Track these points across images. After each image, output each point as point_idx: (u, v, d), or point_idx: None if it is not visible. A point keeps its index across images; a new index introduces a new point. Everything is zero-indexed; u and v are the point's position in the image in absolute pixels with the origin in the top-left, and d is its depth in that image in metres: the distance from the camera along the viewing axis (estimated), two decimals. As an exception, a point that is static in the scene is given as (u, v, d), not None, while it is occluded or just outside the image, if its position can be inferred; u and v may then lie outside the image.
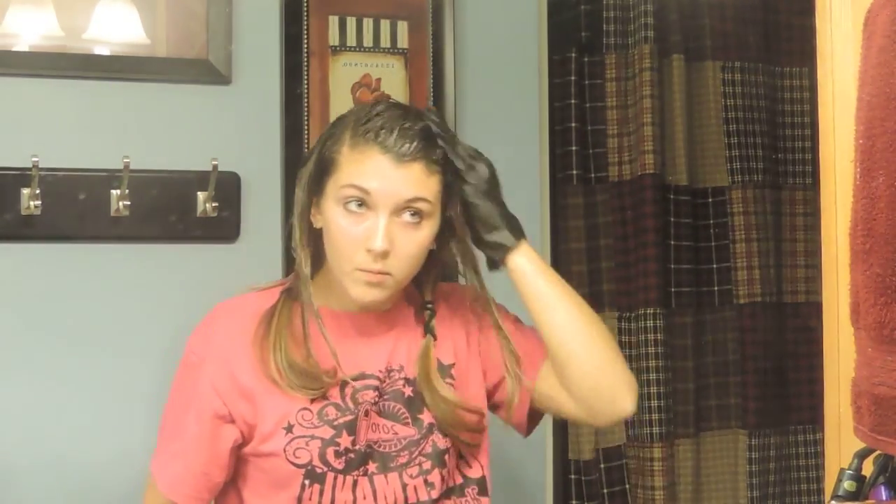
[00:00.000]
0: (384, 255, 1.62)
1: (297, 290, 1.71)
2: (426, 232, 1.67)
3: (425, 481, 1.69)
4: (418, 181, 1.64)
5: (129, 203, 2.36)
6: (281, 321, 1.70)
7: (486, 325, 1.79)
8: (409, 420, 1.70)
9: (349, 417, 1.67)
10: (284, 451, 1.65)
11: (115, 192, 2.36)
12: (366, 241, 1.62)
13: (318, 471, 1.66)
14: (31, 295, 2.35)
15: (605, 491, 2.97)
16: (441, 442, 1.71)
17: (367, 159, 1.62)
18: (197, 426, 1.70)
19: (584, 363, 1.69)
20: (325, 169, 1.67)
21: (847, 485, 1.33)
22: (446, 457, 1.71)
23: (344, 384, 1.67)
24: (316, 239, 1.71)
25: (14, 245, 2.33)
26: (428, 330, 1.76)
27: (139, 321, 2.43)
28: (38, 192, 2.28)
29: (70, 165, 2.36)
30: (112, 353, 2.40)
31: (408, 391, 1.71)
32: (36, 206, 2.29)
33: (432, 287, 1.80)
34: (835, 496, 1.33)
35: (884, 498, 1.30)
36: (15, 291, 2.34)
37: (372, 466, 1.67)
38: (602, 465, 2.96)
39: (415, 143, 1.64)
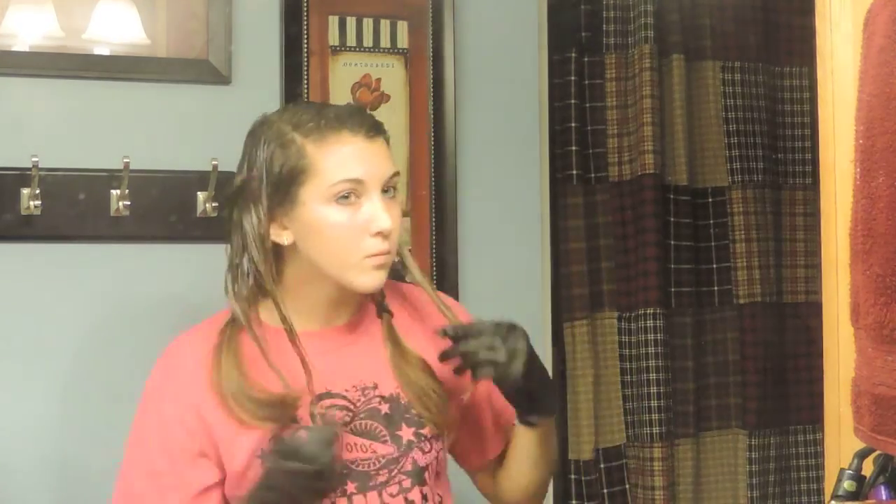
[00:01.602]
0: (389, 233, 1.61)
1: (241, 318, 1.65)
2: (400, 205, 1.67)
3: (405, 499, 1.66)
4: (388, 155, 1.64)
5: (129, 203, 2.36)
6: (229, 357, 1.63)
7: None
8: (388, 437, 1.66)
9: None
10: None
11: (115, 192, 2.36)
12: (368, 226, 1.60)
13: None
14: (32, 295, 2.35)
15: (605, 491, 2.97)
16: (421, 459, 1.68)
17: (343, 147, 1.60)
18: (169, 465, 1.65)
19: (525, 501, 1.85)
20: (291, 180, 1.60)
21: (847, 485, 1.33)
22: (426, 474, 1.68)
23: (312, 405, 1.61)
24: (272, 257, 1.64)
25: (14, 245, 2.33)
26: (382, 309, 1.72)
27: (139, 321, 2.43)
28: (38, 192, 2.28)
29: (70, 165, 2.35)
30: (112, 354, 2.40)
31: (384, 408, 1.67)
32: (36, 206, 2.29)
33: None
34: (835, 496, 1.33)
35: (884, 498, 1.30)
36: (15, 291, 2.34)
37: (351, 486, 1.63)
38: (602, 465, 2.96)
39: (369, 118, 1.64)
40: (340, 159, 1.60)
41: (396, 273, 1.73)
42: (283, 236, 1.64)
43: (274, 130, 1.64)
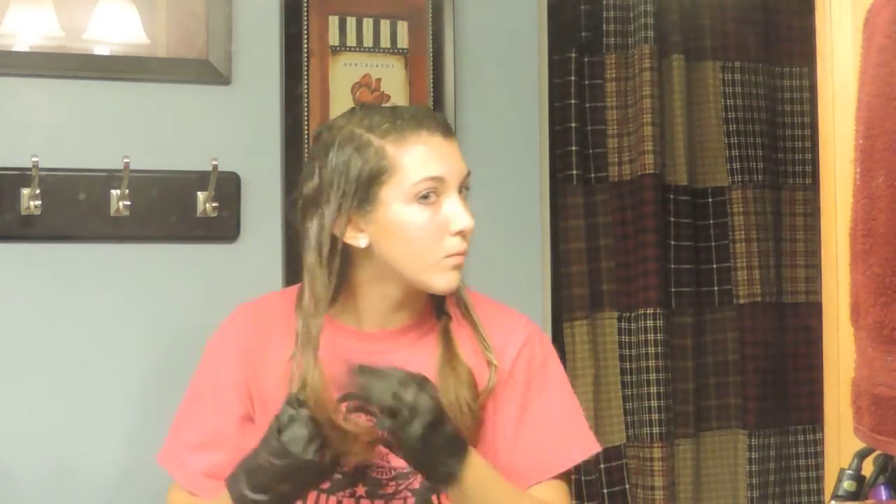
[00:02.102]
0: (469, 231, 1.60)
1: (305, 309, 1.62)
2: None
3: None
4: (461, 155, 1.63)
5: (129, 203, 2.36)
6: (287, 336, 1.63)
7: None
8: None
9: None
10: None
11: (115, 192, 2.36)
12: (448, 225, 1.59)
13: None
14: (31, 295, 2.35)
15: (605, 491, 2.97)
16: None
17: (424, 146, 1.58)
18: (218, 417, 1.67)
19: None
20: (371, 181, 1.58)
21: (847, 485, 1.32)
22: (433, 497, 1.65)
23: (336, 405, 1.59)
24: (341, 258, 1.62)
25: (14, 245, 2.33)
26: (441, 311, 1.68)
27: (139, 321, 2.43)
28: (38, 192, 2.28)
29: (70, 165, 2.36)
30: (112, 353, 2.40)
31: None
32: (36, 206, 2.29)
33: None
34: (835, 496, 1.33)
35: (884, 498, 1.30)
36: (15, 291, 2.34)
37: (361, 490, 1.63)
38: (602, 465, 2.96)
39: (442, 118, 1.64)
40: (422, 158, 1.58)
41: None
42: (358, 239, 1.61)
43: (346, 134, 1.61)
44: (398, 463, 1.62)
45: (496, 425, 1.67)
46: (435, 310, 1.70)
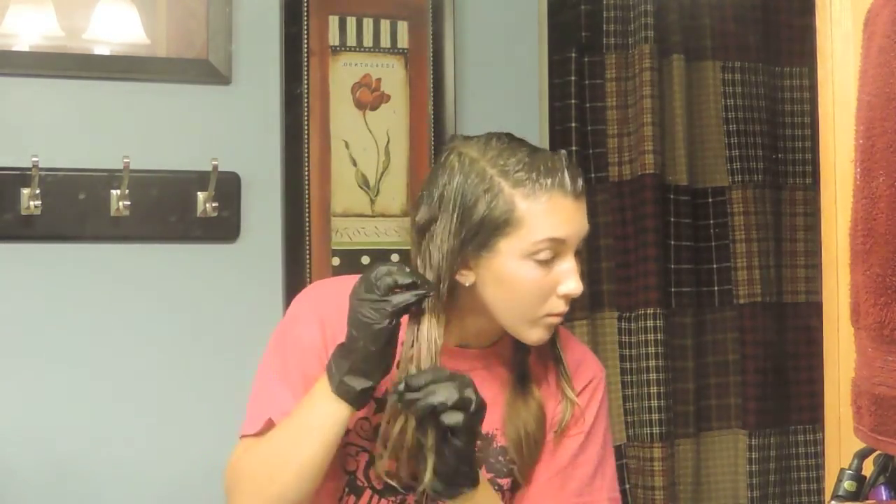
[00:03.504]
0: (577, 297, 1.58)
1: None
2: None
3: None
4: (586, 214, 1.59)
5: (129, 203, 2.36)
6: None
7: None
8: None
9: None
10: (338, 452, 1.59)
11: (115, 192, 2.36)
12: (556, 287, 1.56)
13: (359, 483, 1.63)
14: (31, 295, 2.35)
15: (605, 491, 2.96)
16: None
17: (555, 207, 1.54)
18: (304, 385, 1.59)
19: None
20: (494, 229, 1.54)
21: (847, 485, 1.32)
22: None
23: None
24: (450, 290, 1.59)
25: (14, 245, 2.34)
26: (521, 345, 1.64)
27: (139, 321, 2.43)
28: (38, 192, 2.28)
29: (70, 165, 2.36)
30: (112, 353, 2.40)
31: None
32: (36, 206, 2.29)
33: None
34: (835, 496, 1.33)
35: (884, 498, 1.30)
36: (15, 291, 2.34)
37: (410, 499, 1.62)
38: (602, 465, 2.96)
39: (577, 174, 1.58)
40: (550, 219, 1.54)
41: None
42: (466, 277, 1.58)
43: (477, 171, 1.56)
44: None
45: (552, 459, 1.65)
46: (516, 341, 1.65)
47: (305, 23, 2.57)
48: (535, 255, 1.55)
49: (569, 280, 1.56)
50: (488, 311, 1.60)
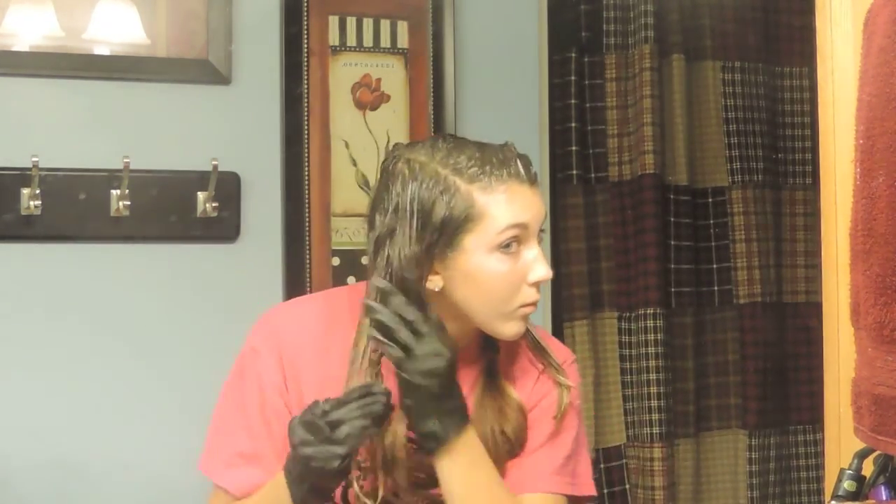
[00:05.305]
0: (546, 282, 1.59)
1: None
2: None
3: None
4: (541, 198, 1.60)
5: (129, 203, 2.37)
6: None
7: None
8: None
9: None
10: None
11: (115, 192, 2.36)
12: (526, 275, 1.56)
13: None
14: (32, 295, 2.35)
15: (605, 491, 2.97)
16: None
17: (514, 196, 1.55)
18: (263, 423, 1.61)
19: None
20: (457, 228, 1.54)
21: (847, 485, 1.33)
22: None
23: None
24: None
25: (14, 245, 2.34)
26: (489, 345, 1.65)
27: (139, 321, 2.43)
28: (38, 192, 2.28)
29: (70, 165, 2.36)
30: (112, 353, 2.40)
31: None
32: (36, 206, 2.29)
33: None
34: (835, 496, 1.33)
35: (884, 498, 1.30)
36: (15, 291, 2.34)
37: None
38: (602, 465, 2.96)
39: (527, 161, 1.59)
40: (510, 206, 1.55)
41: None
42: (434, 282, 1.57)
43: (430, 174, 1.56)
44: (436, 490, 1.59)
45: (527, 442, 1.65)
46: (483, 342, 1.66)
47: (305, 23, 2.57)
48: (501, 246, 1.55)
49: (537, 267, 1.57)
50: (460, 314, 1.59)
